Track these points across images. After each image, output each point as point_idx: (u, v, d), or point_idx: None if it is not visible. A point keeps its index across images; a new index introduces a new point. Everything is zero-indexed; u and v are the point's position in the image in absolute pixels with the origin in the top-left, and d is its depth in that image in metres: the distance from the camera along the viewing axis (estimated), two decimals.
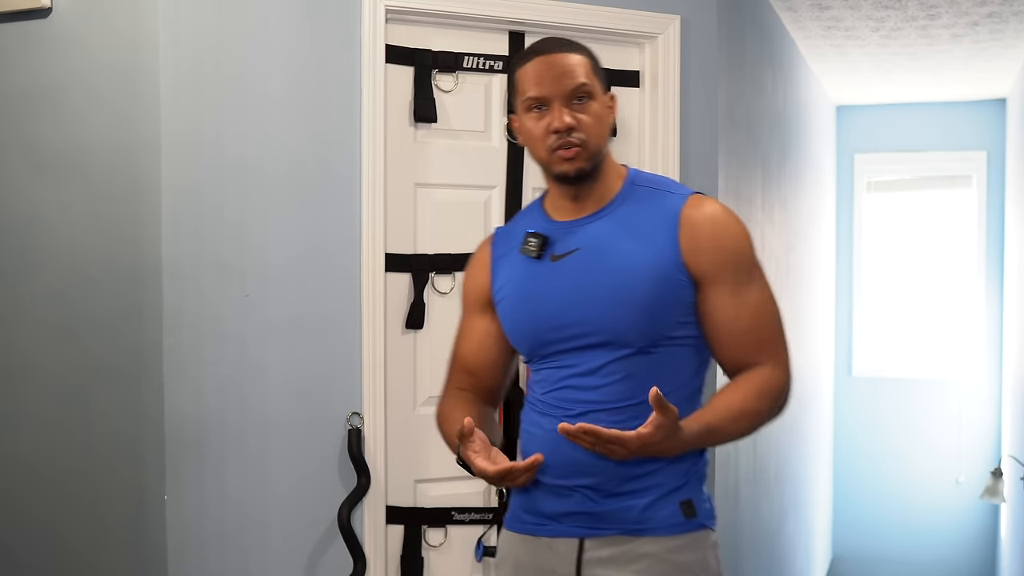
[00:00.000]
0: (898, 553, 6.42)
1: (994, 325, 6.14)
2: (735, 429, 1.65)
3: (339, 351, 2.35)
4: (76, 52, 2.27)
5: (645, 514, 1.62)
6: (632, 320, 1.62)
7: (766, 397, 1.65)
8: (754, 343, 1.65)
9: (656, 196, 1.70)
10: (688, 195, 1.69)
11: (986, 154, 6.19)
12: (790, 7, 3.88)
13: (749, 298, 1.65)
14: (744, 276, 1.65)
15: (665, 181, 1.79)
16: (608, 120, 1.71)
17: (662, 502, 1.63)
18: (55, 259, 2.31)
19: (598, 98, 1.69)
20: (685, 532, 1.63)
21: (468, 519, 2.52)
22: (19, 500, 2.37)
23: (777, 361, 1.67)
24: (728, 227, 1.66)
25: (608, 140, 1.72)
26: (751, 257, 1.67)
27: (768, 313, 1.67)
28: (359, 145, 2.35)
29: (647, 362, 1.64)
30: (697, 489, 1.67)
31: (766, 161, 3.82)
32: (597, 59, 1.75)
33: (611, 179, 1.73)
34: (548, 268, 1.71)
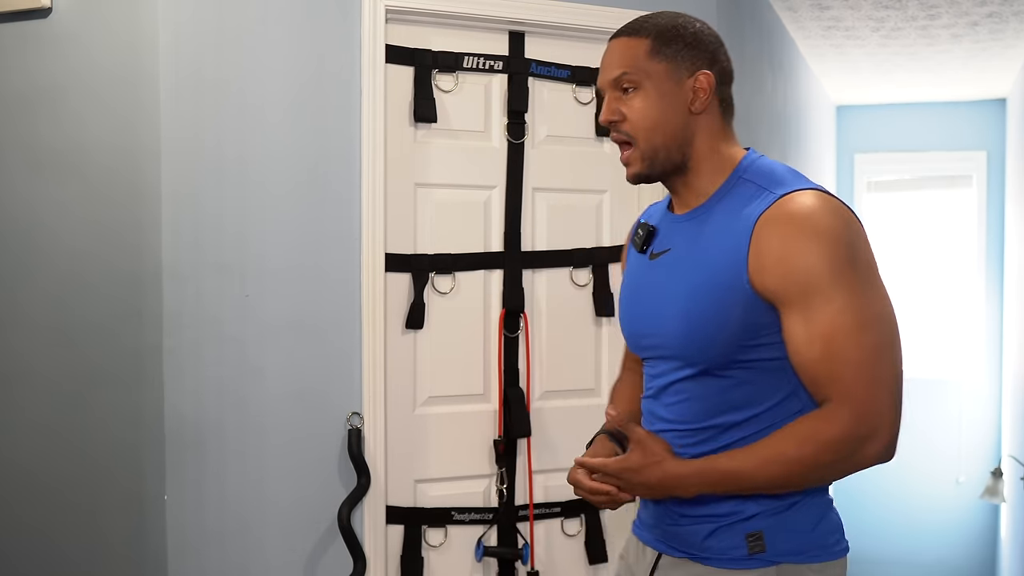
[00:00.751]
0: (898, 553, 6.42)
1: (994, 325, 6.14)
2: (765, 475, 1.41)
3: (339, 351, 2.35)
4: (76, 53, 2.27)
5: (708, 542, 1.48)
6: (694, 339, 1.45)
7: (810, 442, 1.38)
8: (825, 376, 1.38)
9: (752, 194, 1.45)
10: (780, 195, 1.42)
11: (986, 154, 6.19)
12: (790, 7, 3.88)
13: (820, 323, 1.36)
14: (818, 295, 1.36)
15: (776, 176, 1.48)
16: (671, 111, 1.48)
17: (725, 532, 1.47)
18: (54, 261, 2.31)
19: (655, 85, 1.48)
20: (747, 568, 1.45)
21: (468, 519, 2.52)
22: (19, 502, 2.37)
23: (844, 400, 1.37)
24: (800, 232, 1.37)
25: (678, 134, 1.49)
26: (831, 268, 1.36)
27: (849, 340, 1.36)
28: (359, 145, 2.35)
29: (719, 384, 1.46)
30: (775, 519, 1.46)
31: None
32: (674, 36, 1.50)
33: (712, 171, 1.51)
34: (647, 266, 1.57)
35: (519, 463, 2.58)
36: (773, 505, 1.46)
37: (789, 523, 1.46)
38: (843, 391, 1.37)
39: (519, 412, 2.54)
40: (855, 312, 1.37)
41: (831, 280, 1.36)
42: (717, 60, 1.51)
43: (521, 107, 2.54)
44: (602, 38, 2.58)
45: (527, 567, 2.55)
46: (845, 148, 6.47)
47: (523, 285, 2.57)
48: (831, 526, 1.52)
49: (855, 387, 1.37)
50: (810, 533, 1.48)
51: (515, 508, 2.55)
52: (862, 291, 1.38)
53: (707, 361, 1.45)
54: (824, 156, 5.82)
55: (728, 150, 1.53)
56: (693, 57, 1.49)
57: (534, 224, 2.60)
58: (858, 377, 1.37)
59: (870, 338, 1.37)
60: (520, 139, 2.56)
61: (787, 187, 1.43)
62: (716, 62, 1.51)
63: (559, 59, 2.59)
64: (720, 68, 1.52)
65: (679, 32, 1.51)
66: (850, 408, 1.37)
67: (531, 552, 2.55)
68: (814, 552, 1.48)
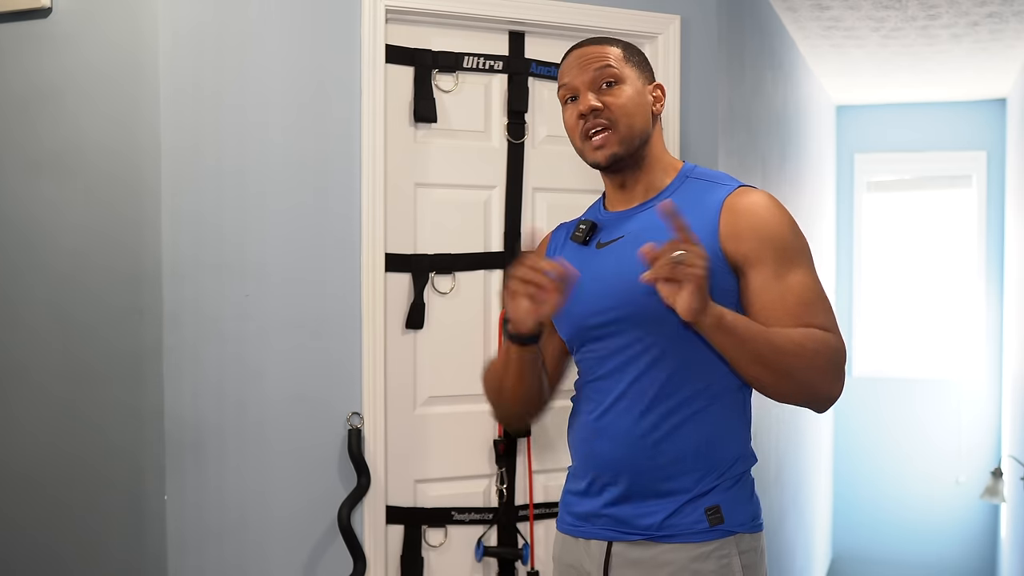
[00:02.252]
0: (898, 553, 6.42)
1: (994, 325, 6.14)
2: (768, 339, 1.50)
3: (339, 351, 2.35)
4: (76, 52, 2.27)
5: (669, 521, 1.59)
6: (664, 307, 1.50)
7: (811, 337, 1.52)
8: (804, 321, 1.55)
9: (706, 188, 1.66)
10: (737, 186, 1.64)
11: (986, 154, 6.19)
12: (790, 7, 3.88)
13: (793, 281, 1.56)
14: (787, 260, 1.57)
15: (722, 176, 1.71)
16: (644, 106, 1.68)
17: (687, 508, 1.59)
18: (54, 260, 2.31)
19: (631, 83, 1.68)
20: (710, 540, 1.58)
21: (468, 519, 2.52)
22: (19, 502, 2.37)
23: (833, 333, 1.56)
24: (770, 213, 1.59)
25: (647, 127, 1.68)
26: (794, 243, 1.59)
27: (817, 295, 1.57)
28: (359, 145, 2.35)
29: (681, 353, 1.59)
30: (727, 494, 1.60)
31: (766, 161, 3.82)
32: (636, 50, 1.73)
33: (660, 171, 1.71)
34: (592, 255, 1.70)
35: (519, 463, 2.58)
36: (723, 480, 1.60)
37: (737, 497, 1.62)
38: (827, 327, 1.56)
39: None
40: (814, 276, 1.60)
41: (797, 251, 1.59)
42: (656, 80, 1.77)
43: (521, 107, 2.55)
44: None
45: (527, 567, 2.55)
46: (845, 148, 6.47)
47: None
48: (758, 501, 1.68)
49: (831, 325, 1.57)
50: (749, 505, 1.64)
51: (515, 508, 2.56)
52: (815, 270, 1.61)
53: (674, 328, 1.57)
54: (824, 156, 5.82)
55: (669, 156, 1.75)
56: (650, 72, 1.75)
57: (534, 224, 2.60)
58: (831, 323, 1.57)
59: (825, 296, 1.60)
60: (520, 139, 2.56)
61: (737, 183, 1.66)
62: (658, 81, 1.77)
63: (559, 59, 2.58)
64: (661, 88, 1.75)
65: (640, 51, 1.76)
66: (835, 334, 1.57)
67: (531, 552, 2.55)
68: (752, 523, 1.63)
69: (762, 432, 3.78)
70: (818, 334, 1.54)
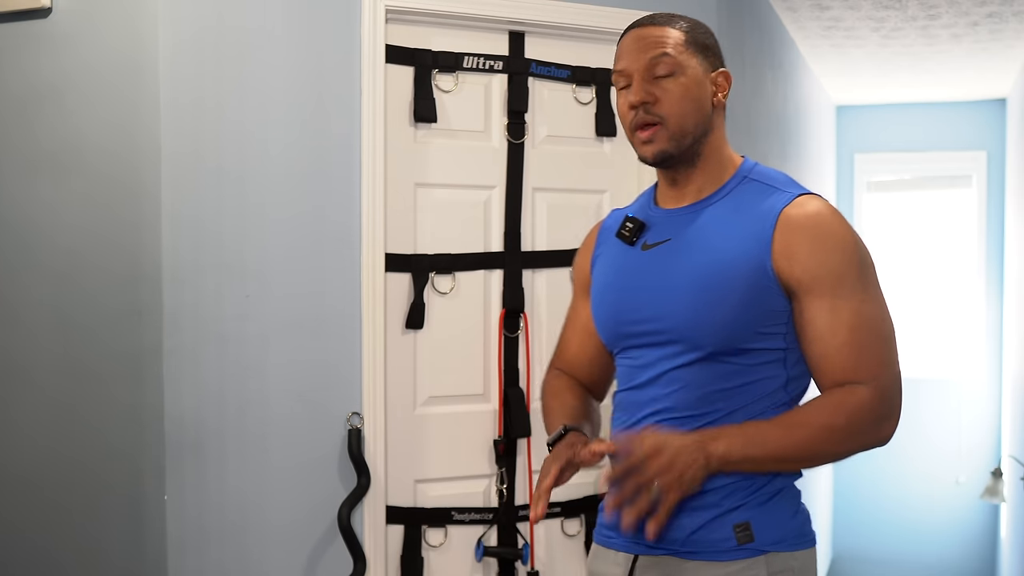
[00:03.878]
0: (898, 553, 6.42)
1: (994, 325, 6.14)
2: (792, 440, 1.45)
3: (339, 351, 2.35)
4: (76, 52, 2.27)
5: (695, 536, 1.48)
6: (706, 322, 1.48)
7: (840, 411, 1.45)
8: (852, 362, 1.46)
9: (764, 192, 1.54)
10: (797, 195, 1.52)
11: (986, 154, 6.20)
12: (790, 7, 3.88)
13: (848, 311, 1.46)
14: (845, 287, 1.46)
15: (781, 179, 1.58)
16: (702, 99, 1.54)
17: (714, 524, 1.48)
18: (54, 261, 2.31)
19: (689, 73, 1.54)
20: (737, 559, 1.47)
21: (468, 519, 2.52)
22: (19, 502, 2.37)
23: (875, 384, 1.47)
24: (830, 231, 1.48)
25: (703, 122, 1.55)
26: (855, 266, 1.48)
27: (871, 329, 1.47)
28: (359, 145, 2.35)
29: (720, 371, 1.50)
30: (760, 509, 1.49)
31: (766, 161, 3.82)
32: (702, 32, 1.60)
33: (717, 168, 1.58)
34: (638, 256, 1.59)
35: (519, 463, 2.57)
36: (756, 496, 1.49)
37: (772, 513, 1.50)
38: (869, 373, 1.47)
39: (519, 412, 2.54)
40: (875, 306, 1.49)
41: (857, 276, 1.48)
42: (725, 66, 1.62)
43: (521, 107, 2.54)
44: (602, 38, 2.60)
45: (527, 567, 2.55)
46: (845, 148, 6.47)
47: (523, 285, 2.57)
48: (804, 516, 1.56)
49: (879, 370, 1.48)
50: (790, 522, 1.52)
51: (515, 508, 2.55)
52: (876, 290, 1.50)
53: (714, 345, 1.49)
54: (824, 156, 5.82)
55: (729, 151, 1.61)
56: (716, 56, 1.60)
57: (534, 224, 2.60)
58: (881, 362, 1.49)
59: (886, 329, 1.50)
60: (520, 139, 2.56)
61: (796, 189, 1.54)
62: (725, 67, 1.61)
63: (559, 59, 2.59)
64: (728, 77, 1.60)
65: (706, 32, 1.62)
66: (875, 387, 1.47)
67: (531, 552, 2.55)
68: (794, 540, 1.51)
69: None
70: (850, 402, 1.45)
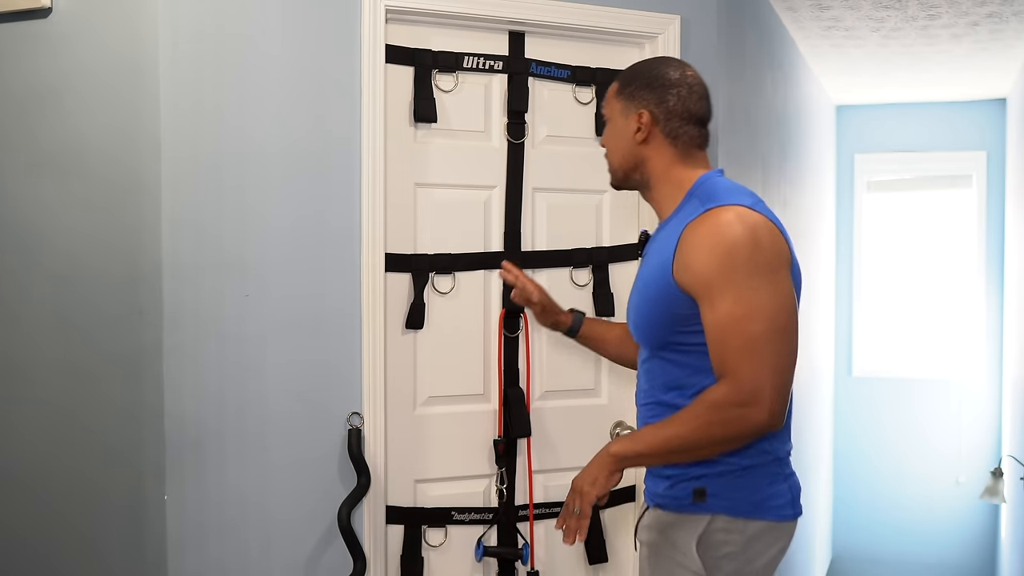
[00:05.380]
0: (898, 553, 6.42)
1: (994, 325, 6.14)
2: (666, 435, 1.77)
3: (339, 351, 2.35)
4: (76, 52, 2.27)
5: (666, 493, 1.86)
6: (641, 327, 1.88)
7: (702, 405, 1.73)
8: (719, 357, 1.73)
9: (692, 209, 1.79)
10: (705, 209, 1.75)
11: (986, 154, 6.19)
12: (790, 7, 3.88)
13: (718, 314, 1.71)
14: (716, 290, 1.70)
15: (715, 193, 1.80)
16: (624, 139, 1.90)
17: (679, 487, 1.84)
18: (54, 260, 2.31)
19: (613, 120, 1.92)
20: (688, 513, 1.82)
21: (468, 519, 2.52)
22: (19, 501, 2.37)
23: (732, 377, 1.71)
24: (711, 240, 1.71)
25: (629, 159, 1.91)
26: (728, 270, 1.69)
27: (735, 328, 1.70)
28: (359, 145, 2.35)
29: (664, 365, 1.86)
30: (719, 480, 1.81)
31: (766, 161, 3.82)
32: (633, 77, 1.91)
33: (672, 190, 1.89)
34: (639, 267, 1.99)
35: (519, 463, 2.58)
36: (717, 469, 1.80)
37: (732, 484, 1.81)
38: (728, 367, 1.71)
39: (519, 412, 2.54)
40: (744, 305, 1.69)
41: (729, 279, 1.70)
42: (664, 101, 1.86)
43: (521, 107, 2.55)
44: (602, 38, 2.60)
45: (527, 567, 2.55)
46: (845, 148, 6.47)
47: None
48: (777, 493, 1.84)
49: (736, 364, 1.70)
50: (753, 494, 1.81)
51: (515, 508, 2.56)
52: (753, 289, 1.69)
53: (650, 345, 1.87)
54: (824, 156, 5.82)
55: (683, 173, 1.88)
56: (643, 97, 1.87)
57: (534, 224, 2.60)
58: (740, 356, 1.69)
59: (754, 326, 1.69)
60: (520, 139, 2.56)
61: (716, 202, 1.76)
62: (663, 102, 1.86)
63: (559, 59, 2.59)
64: (667, 108, 1.86)
65: (640, 76, 1.90)
66: (731, 379, 1.70)
67: (531, 552, 2.55)
68: (751, 511, 1.81)
69: None
70: (709, 396, 1.73)
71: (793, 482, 1.88)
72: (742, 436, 1.74)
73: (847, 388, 6.51)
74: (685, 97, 1.87)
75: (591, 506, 1.78)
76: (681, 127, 1.87)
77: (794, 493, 1.87)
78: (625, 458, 1.79)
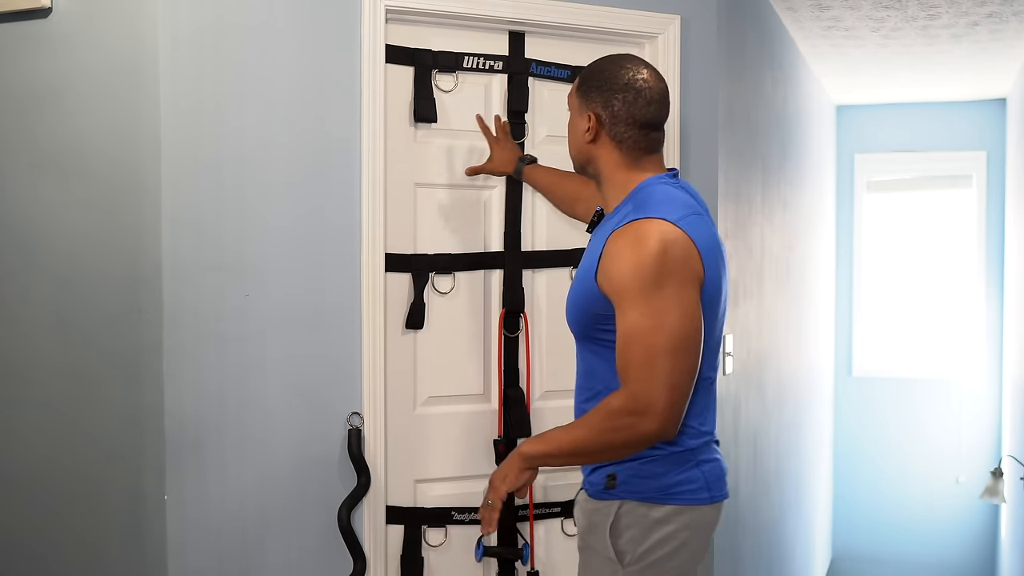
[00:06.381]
0: (898, 553, 6.42)
1: (994, 325, 6.14)
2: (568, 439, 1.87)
3: (339, 351, 2.35)
4: (76, 52, 2.27)
5: (588, 478, 1.99)
6: (569, 317, 1.97)
7: (600, 412, 1.82)
8: (621, 365, 1.81)
9: (624, 215, 1.86)
10: (630, 220, 1.82)
11: (986, 154, 6.20)
12: (790, 7, 3.88)
13: (625, 324, 1.79)
14: (625, 303, 1.79)
15: (647, 203, 1.85)
16: (576, 135, 1.96)
17: (598, 472, 1.95)
18: (54, 260, 2.31)
19: (572, 116, 1.98)
20: (603, 499, 1.93)
21: (468, 519, 2.52)
22: (19, 501, 2.37)
23: (628, 387, 1.78)
24: (622, 257, 1.79)
25: (583, 154, 1.97)
26: (638, 282, 1.77)
27: (634, 342, 1.77)
28: (359, 145, 2.35)
29: (586, 353, 1.96)
30: (626, 466, 1.89)
31: (766, 161, 3.82)
32: (592, 76, 1.94)
33: (616, 190, 1.94)
34: None
35: None
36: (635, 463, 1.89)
37: (640, 471, 1.89)
38: (626, 376, 1.79)
39: (519, 412, 2.54)
40: (648, 318, 1.76)
41: (638, 291, 1.77)
42: (610, 105, 1.90)
43: (521, 107, 2.55)
44: (602, 38, 2.60)
45: (527, 567, 2.55)
46: (845, 148, 6.47)
47: (523, 285, 2.57)
48: (688, 479, 1.90)
49: (635, 374, 1.77)
50: (659, 480, 1.88)
51: (515, 508, 2.56)
52: (660, 303, 1.76)
53: (576, 334, 1.97)
54: (824, 156, 5.82)
55: (626, 176, 1.92)
56: (593, 98, 1.92)
57: (534, 224, 2.60)
58: (638, 367, 1.77)
59: (656, 340, 1.76)
60: (520, 139, 2.56)
61: (643, 213, 1.81)
62: (609, 106, 1.90)
63: (559, 59, 2.59)
64: (612, 112, 1.90)
65: (594, 76, 1.93)
66: (628, 389, 1.78)
67: (531, 552, 2.55)
68: (655, 496, 1.88)
69: (762, 433, 3.78)
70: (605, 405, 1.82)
71: (709, 468, 1.92)
72: (633, 443, 1.82)
73: (847, 388, 6.52)
74: (631, 102, 1.89)
75: (501, 500, 1.91)
76: (626, 131, 1.90)
77: (709, 478, 1.91)
78: (533, 457, 1.89)
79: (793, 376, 4.53)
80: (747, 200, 3.41)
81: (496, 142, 2.47)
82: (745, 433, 3.43)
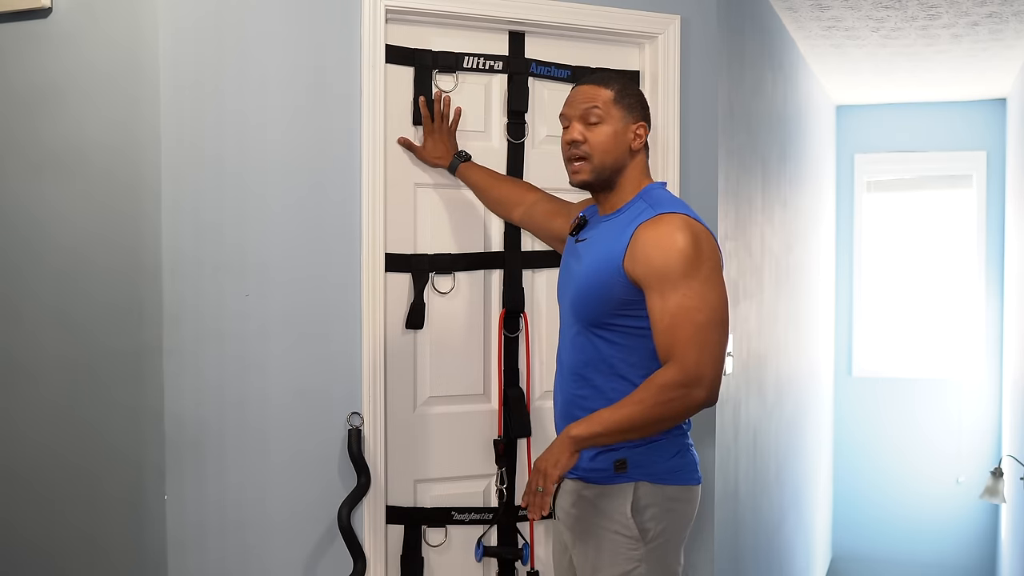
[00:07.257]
0: (898, 553, 6.42)
1: (994, 325, 6.14)
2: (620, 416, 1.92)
3: (339, 351, 2.35)
4: (76, 52, 2.27)
5: (589, 464, 2.05)
6: (580, 304, 2.06)
7: (652, 387, 1.91)
8: (667, 342, 1.92)
9: (641, 210, 2.02)
10: (657, 213, 1.98)
11: (986, 154, 6.20)
12: (790, 7, 3.88)
13: (668, 304, 1.92)
14: (669, 285, 1.92)
15: (661, 202, 2.03)
16: (621, 144, 2.06)
17: (600, 459, 2.04)
18: (55, 259, 2.31)
19: (612, 124, 2.06)
20: (612, 483, 2.03)
21: (468, 519, 2.52)
22: (19, 501, 2.37)
23: (678, 361, 1.90)
24: (662, 244, 1.93)
25: (620, 161, 2.07)
26: (680, 266, 1.92)
27: (685, 317, 1.91)
28: (359, 145, 2.35)
29: (594, 339, 2.05)
30: (636, 451, 2.02)
31: (766, 161, 3.82)
32: (631, 91, 2.10)
33: (627, 192, 2.09)
34: (572, 248, 2.17)
35: (519, 463, 2.58)
36: (640, 446, 2.02)
37: (648, 454, 2.03)
38: (678, 351, 1.91)
39: (519, 412, 2.54)
40: (692, 298, 1.92)
41: (681, 274, 1.92)
42: (648, 118, 2.13)
43: (521, 107, 2.55)
44: (602, 38, 2.60)
45: (527, 567, 2.55)
46: (845, 148, 6.47)
47: (523, 285, 2.57)
48: (684, 461, 2.07)
49: (683, 349, 1.91)
50: (666, 463, 2.04)
51: (515, 508, 2.56)
52: (701, 285, 1.93)
53: (587, 321, 2.05)
54: (824, 156, 5.82)
55: (644, 180, 2.11)
56: (638, 112, 2.10)
57: None
58: (686, 343, 1.90)
59: (701, 317, 1.91)
60: (520, 139, 2.56)
61: (665, 208, 1.99)
62: (648, 119, 2.13)
63: (559, 59, 2.59)
64: (649, 124, 2.13)
65: (633, 91, 2.11)
66: (679, 362, 1.90)
67: (531, 552, 2.55)
68: (667, 477, 2.04)
69: (762, 433, 3.78)
70: (657, 378, 1.91)
71: (692, 453, 2.11)
72: (686, 413, 1.94)
73: (847, 388, 6.52)
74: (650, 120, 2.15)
75: (554, 485, 1.93)
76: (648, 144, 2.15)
77: (696, 462, 2.11)
78: (585, 439, 1.93)
79: (793, 376, 4.53)
80: (747, 200, 3.41)
81: (431, 132, 2.45)
82: (745, 433, 3.43)
